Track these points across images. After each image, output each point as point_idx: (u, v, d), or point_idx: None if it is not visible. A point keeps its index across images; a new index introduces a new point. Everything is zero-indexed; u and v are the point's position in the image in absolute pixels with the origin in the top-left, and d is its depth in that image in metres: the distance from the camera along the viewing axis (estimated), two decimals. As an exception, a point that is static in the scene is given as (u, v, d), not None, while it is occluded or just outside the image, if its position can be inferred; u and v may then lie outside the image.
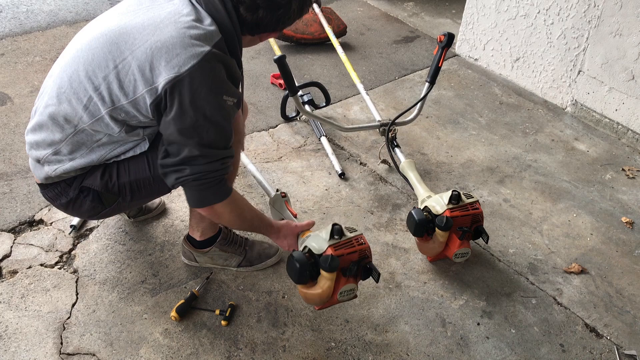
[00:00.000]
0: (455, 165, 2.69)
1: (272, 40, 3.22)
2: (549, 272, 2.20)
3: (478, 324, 1.99)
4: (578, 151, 2.84)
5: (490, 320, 2.00)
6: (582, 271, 2.21)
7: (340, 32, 3.44)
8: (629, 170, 2.72)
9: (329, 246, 1.78)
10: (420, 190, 2.29)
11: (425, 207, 2.13)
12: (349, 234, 1.82)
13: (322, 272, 1.77)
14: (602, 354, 1.92)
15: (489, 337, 1.95)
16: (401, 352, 1.87)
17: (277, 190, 2.16)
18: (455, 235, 2.07)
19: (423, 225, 2.08)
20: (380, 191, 2.50)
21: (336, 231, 1.80)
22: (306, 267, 1.77)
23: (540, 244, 2.31)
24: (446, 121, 2.97)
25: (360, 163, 2.65)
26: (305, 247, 1.84)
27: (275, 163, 2.59)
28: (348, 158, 2.67)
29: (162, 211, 2.29)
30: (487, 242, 2.12)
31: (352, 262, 1.80)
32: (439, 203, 2.10)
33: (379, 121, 2.60)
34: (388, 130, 2.54)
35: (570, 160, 2.77)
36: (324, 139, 2.69)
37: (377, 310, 2.00)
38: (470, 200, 2.10)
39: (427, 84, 2.56)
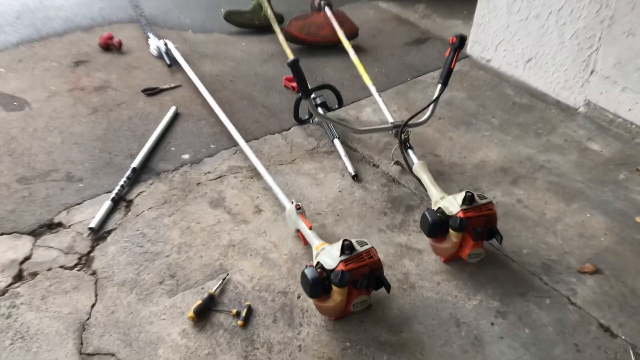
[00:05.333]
0: (469, 166, 2.70)
1: (284, 44, 3.25)
2: (562, 272, 2.20)
3: (492, 323, 2.00)
4: (591, 151, 2.83)
5: (504, 320, 2.01)
6: (596, 271, 2.21)
7: (352, 34, 3.46)
8: (642, 169, 2.71)
9: (340, 262, 1.82)
10: (434, 191, 2.31)
11: (439, 208, 2.15)
12: (359, 248, 1.87)
13: (334, 287, 1.81)
14: (617, 353, 1.93)
15: (503, 337, 1.96)
16: (416, 352, 1.89)
17: (292, 202, 2.19)
18: (469, 236, 2.09)
19: (437, 226, 2.09)
20: (393, 193, 2.52)
21: (347, 247, 1.85)
22: (319, 283, 1.83)
23: (554, 244, 2.32)
24: (459, 122, 2.98)
25: (374, 165, 2.67)
26: (318, 262, 1.88)
27: (288, 165, 2.61)
28: (361, 160, 2.69)
29: (180, 213, 2.32)
30: (500, 243, 2.14)
31: (363, 275, 1.84)
32: (452, 204, 2.11)
33: (391, 123, 2.61)
34: (401, 132, 2.56)
35: (583, 161, 2.77)
36: (336, 141, 2.71)
37: (391, 311, 2.01)
38: (484, 201, 2.11)
39: (439, 86, 2.57)
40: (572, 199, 2.55)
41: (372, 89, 2.89)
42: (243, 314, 1.94)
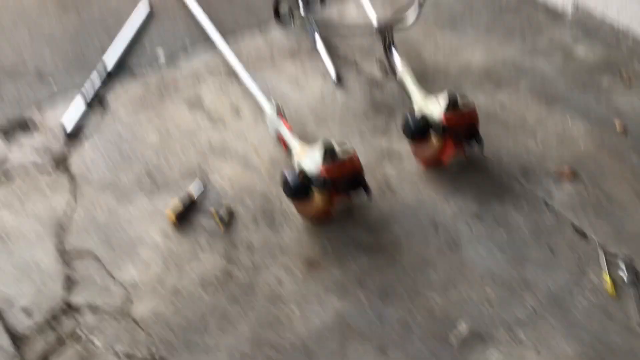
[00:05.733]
0: (452, 69, 2.65)
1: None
2: (541, 176, 2.22)
3: (469, 226, 2.04)
4: (576, 56, 2.79)
5: (481, 223, 2.05)
6: (574, 175, 2.23)
7: None
8: (626, 74, 2.69)
9: (322, 167, 1.80)
10: (417, 93, 2.27)
11: (422, 110, 2.12)
12: (341, 153, 1.84)
13: (316, 192, 1.80)
14: (589, 254, 1.99)
15: (479, 239, 2.00)
16: (393, 253, 1.93)
17: (273, 101, 2.14)
18: (451, 140, 2.08)
19: (418, 129, 2.08)
20: (376, 96, 2.47)
21: (328, 151, 1.81)
22: (300, 187, 1.83)
23: (533, 149, 2.32)
24: (444, 24, 2.89)
25: (357, 67, 2.60)
26: (299, 166, 1.87)
27: (268, 67, 2.54)
28: (344, 62, 2.62)
29: (157, 115, 2.26)
30: (482, 149, 2.13)
31: (344, 180, 1.83)
32: (435, 108, 2.08)
33: (376, 23, 2.53)
34: (385, 34, 2.48)
35: (567, 65, 2.73)
36: (318, 42, 2.62)
37: (371, 214, 2.03)
38: (467, 104, 2.09)
39: None
40: (554, 103, 2.53)
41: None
42: (224, 215, 1.95)
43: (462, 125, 2.07)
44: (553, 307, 1.84)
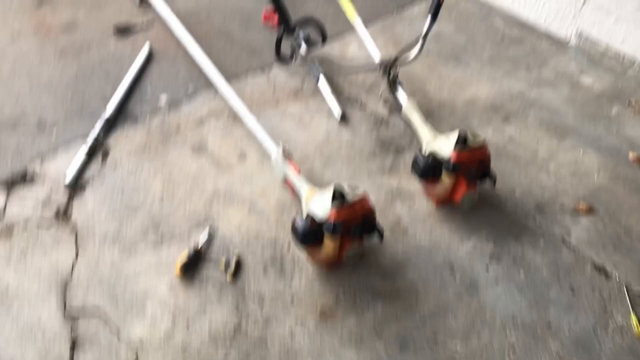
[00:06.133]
0: (459, 103, 2.61)
1: (263, -24, 3.05)
2: (556, 212, 2.16)
3: (487, 267, 1.97)
4: (583, 85, 2.75)
5: (498, 264, 1.98)
6: (590, 210, 2.17)
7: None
8: (635, 102, 2.65)
9: (332, 211, 1.75)
10: (425, 132, 2.22)
11: (432, 149, 2.07)
12: (351, 195, 1.79)
13: (326, 236, 1.75)
14: (612, 293, 1.91)
15: (498, 281, 1.93)
16: (410, 299, 1.86)
17: (280, 144, 2.10)
18: (463, 178, 2.02)
19: (429, 169, 2.02)
20: (382, 134, 2.42)
21: (338, 194, 1.77)
22: (310, 233, 1.77)
23: (547, 184, 2.27)
24: (448, 57, 2.86)
25: (361, 105, 2.56)
26: (309, 212, 1.81)
27: (272, 107, 2.49)
28: (347, 100, 2.58)
29: (161, 161, 2.20)
30: (494, 186, 2.08)
31: (356, 223, 1.77)
32: (444, 145, 2.03)
33: (379, 60, 2.49)
34: (389, 70, 2.44)
35: (575, 95, 2.69)
36: (322, 80, 2.59)
37: (384, 258, 1.97)
38: (478, 142, 2.04)
39: (428, 19, 2.43)
40: (565, 135, 2.48)
41: (358, 22, 2.74)
42: (232, 265, 1.88)
43: (473, 163, 2.01)
44: (578, 351, 1.76)
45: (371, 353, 1.72)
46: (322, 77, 2.59)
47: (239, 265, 1.89)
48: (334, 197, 1.78)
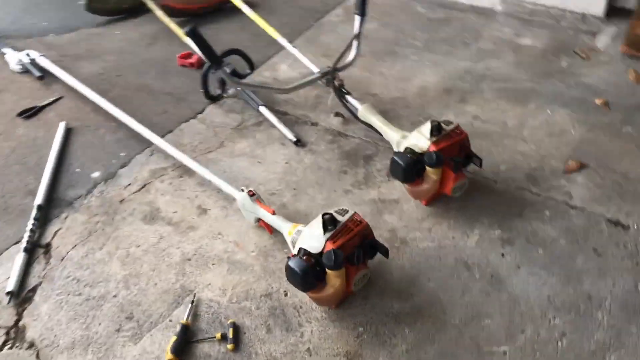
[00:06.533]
0: (410, 97, 2.45)
1: (166, 20, 2.82)
2: (549, 178, 2.02)
3: (502, 255, 1.78)
4: (524, 47, 2.67)
5: (513, 248, 1.80)
6: (581, 166, 2.04)
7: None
8: (580, 50, 2.57)
9: (327, 240, 1.53)
10: (391, 132, 2.04)
11: (406, 148, 1.88)
12: (342, 218, 1.58)
13: (329, 271, 1.52)
14: (637, 243, 1.77)
15: (519, 266, 1.75)
16: (436, 313, 1.64)
17: (242, 189, 1.86)
18: (448, 168, 1.84)
19: (412, 168, 1.83)
20: (344, 147, 2.22)
21: (328, 221, 1.55)
22: (310, 273, 1.53)
23: (528, 152, 2.13)
24: (383, 54, 2.71)
25: (312, 124, 2.36)
26: (301, 249, 1.57)
27: (218, 151, 2.25)
28: (296, 122, 2.37)
29: (113, 243, 1.91)
30: (481, 166, 1.91)
31: (357, 247, 1.56)
32: (419, 139, 1.85)
33: (318, 72, 2.31)
34: (333, 79, 2.26)
35: (521, 59, 2.60)
36: (263, 109, 2.37)
37: (393, 276, 1.75)
38: (451, 126, 1.87)
39: (357, 18, 2.28)
40: (526, 100, 2.37)
41: (283, 41, 2.56)
42: (230, 334, 1.61)
43: (454, 149, 1.84)
44: (629, 315, 1.60)
45: (417, 387, 1.49)
46: (262, 106, 2.37)
47: (237, 331, 1.62)
48: (325, 227, 1.56)
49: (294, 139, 2.24)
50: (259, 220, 1.87)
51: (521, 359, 1.52)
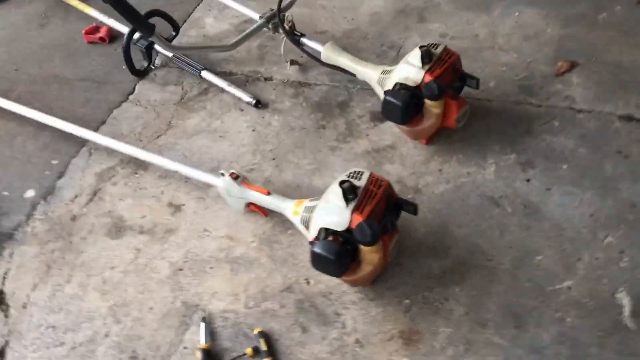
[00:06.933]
0: (364, 27, 2.18)
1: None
2: (545, 85, 1.85)
3: (527, 180, 1.61)
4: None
5: (535, 170, 1.63)
6: (572, 65, 1.89)
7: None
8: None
9: (353, 213, 1.28)
10: (366, 70, 1.79)
11: (396, 83, 1.63)
12: (361, 182, 1.35)
13: (364, 247, 1.28)
14: (658, 134, 1.66)
15: (550, 188, 1.59)
16: (482, 261, 1.46)
17: (222, 174, 1.56)
18: (448, 97, 1.63)
19: (410, 105, 1.60)
20: (312, 98, 1.95)
21: (348, 190, 1.30)
22: (343, 254, 1.28)
23: (512, 61, 1.95)
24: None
25: (265, 79, 2.05)
26: (322, 229, 1.31)
27: (169, 134, 1.91)
28: (247, 81, 2.05)
29: (81, 271, 1.57)
30: (478, 87, 1.69)
31: (385, 210, 1.34)
32: (410, 71, 1.61)
33: (261, 17, 1.99)
34: (281, 22, 1.95)
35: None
36: (206, 73, 2.03)
37: (419, 233, 1.54)
38: (440, 49, 1.64)
39: None
40: (488, 5, 2.17)
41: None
42: (262, 346, 1.35)
43: (449, 73, 1.62)
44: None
45: (492, 350, 1.31)
46: (204, 70, 2.03)
47: (269, 340, 1.37)
48: (346, 198, 1.31)
49: (253, 101, 1.93)
50: (249, 204, 1.59)
51: (589, 290, 1.37)
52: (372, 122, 1.84)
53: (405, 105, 1.58)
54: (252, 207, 1.60)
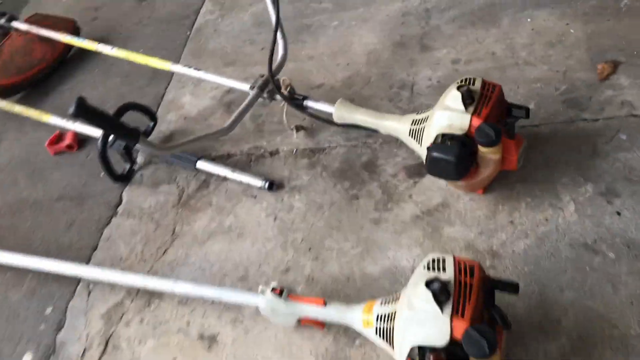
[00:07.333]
0: (364, 69, 1.93)
1: (8, 106, 2.05)
2: (592, 94, 1.61)
3: (618, 214, 1.35)
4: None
5: (622, 198, 1.37)
6: (615, 65, 1.65)
7: (72, 29, 2.34)
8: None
9: (452, 320, 1.01)
10: (392, 122, 1.53)
11: (438, 135, 1.36)
12: (446, 275, 1.07)
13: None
14: None
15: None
16: (606, 331, 1.19)
17: (263, 291, 1.27)
18: (505, 137, 1.36)
19: (464, 159, 1.33)
20: (331, 165, 1.67)
21: (440, 292, 1.03)
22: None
23: (545, 75, 1.70)
24: (295, 35, 2.13)
25: (271, 153, 1.77)
26: (414, 349, 1.04)
27: (176, 245, 1.61)
28: (250, 161, 1.77)
29: None
30: (528, 116, 1.43)
31: (486, 307, 1.09)
32: (450, 116, 1.35)
33: (253, 87, 1.72)
34: (277, 87, 1.67)
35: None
36: (202, 163, 1.74)
37: (517, 312, 1.25)
38: (478, 83, 1.39)
39: (270, 7, 1.72)
40: (494, 17, 1.94)
41: (177, 67, 1.93)
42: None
43: (497, 109, 1.37)
44: None
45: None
46: (200, 161, 1.74)
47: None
48: (438, 301, 1.03)
49: (265, 184, 1.65)
50: (302, 320, 1.29)
51: None
52: (410, 178, 1.56)
53: (458, 159, 1.31)
54: (305, 322, 1.30)
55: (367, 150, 1.67)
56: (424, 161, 1.39)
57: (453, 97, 1.35)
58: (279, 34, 1.74)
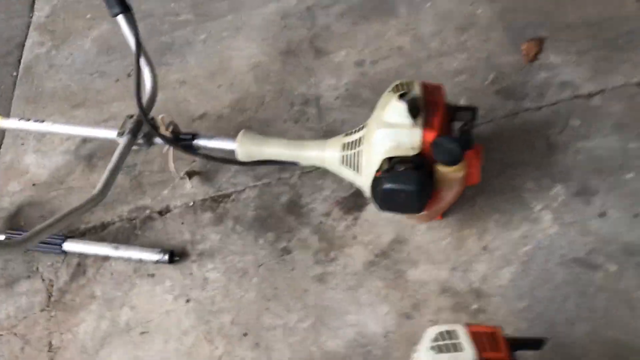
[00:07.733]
0: (252, 88, 1.59)
1: None
2: (523, 80, 1.41)
3: (601, 214, 1.15)
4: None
5: (598, 194, 1.18)
6: (539, 42, 1.47)
7: None
8: None
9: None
10: (317, 151, 1.22)
11: (385, 159, 1.07)
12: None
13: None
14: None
15: (637, 213, 1.14)
16: None
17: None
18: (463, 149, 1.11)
19: (426, 185, 1.05)
20: (244, 215, 1.32)
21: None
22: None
23: (465, 65, 1.48)
24: (159, 56, 1.72)
25: (159, 213, 1.37)
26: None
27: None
28: (134, 227, 1.36)
29: None
30: (475, 118, 1.19)
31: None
32: (397, 134, 1.07)
33: (124, 132, 1.31)
34: (155, 128, 1.29)
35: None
36: (70, 244, 1.31)
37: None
38: (417, 88, 1.12)
39: (120, 20, 1.35)
40: (388, 7, 1.68)
41: (10, 122, 1.48)
42: None
43: (447, 116, 1.11)
44: None
45: None
46: (67, 242, 1.30)
47: None
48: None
49: (163, 256, 1.26)
50: None
51: None
52: (348, 214, 1.27)
53: (420, 188, 1.03)
54: None
55: (285, 187, 1.34)
56: (370, 195, 1.10)
57: (394, 110, 1.07)
58: (142, 60, 1.35)
